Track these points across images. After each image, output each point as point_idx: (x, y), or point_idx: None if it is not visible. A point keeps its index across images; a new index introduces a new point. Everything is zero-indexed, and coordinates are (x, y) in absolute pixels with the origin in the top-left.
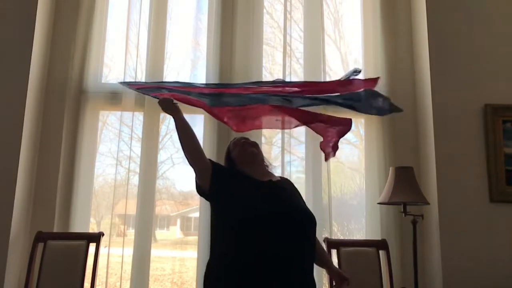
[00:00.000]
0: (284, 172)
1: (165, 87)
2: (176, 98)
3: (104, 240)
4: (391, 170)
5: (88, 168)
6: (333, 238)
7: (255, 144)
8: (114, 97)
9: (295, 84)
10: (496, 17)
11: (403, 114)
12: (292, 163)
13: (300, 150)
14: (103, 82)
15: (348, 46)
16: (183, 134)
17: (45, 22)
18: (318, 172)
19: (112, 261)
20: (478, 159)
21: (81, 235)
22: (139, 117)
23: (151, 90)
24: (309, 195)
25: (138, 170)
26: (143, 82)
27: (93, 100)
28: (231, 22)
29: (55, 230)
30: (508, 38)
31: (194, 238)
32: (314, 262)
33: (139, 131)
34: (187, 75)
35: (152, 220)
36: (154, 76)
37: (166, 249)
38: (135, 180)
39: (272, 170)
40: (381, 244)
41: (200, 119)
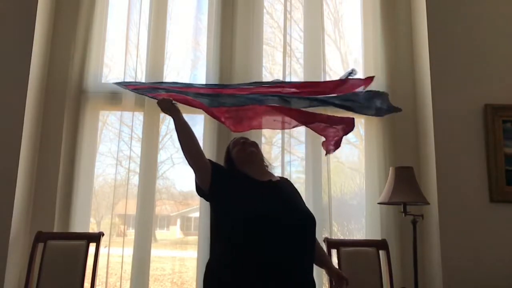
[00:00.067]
0: (284, 172)
1: (161, 87)
2: (175, 98)
3: (104, 240)
4: (391, 170)
5: (88, 168)
6: (333, 238)
7: (254, 144)
8: (114, 97)
9: (292, 85)
10: (496, 17)
11: (403, 114)
12: (292, 163)
13: (300, 150)
14: (103, 82)
15: (348, 46)
16: (183, 135)
17: (45, 22)
18: (318, 172)
19: (112, 261)
20: (478, 159)
21: (81, 235)
22: (139, 117)
23: (148, 90)
24: (309, 195)
25: (138, 170)
26: (139, 83)
27: (93, 100)
28: (231, 22)
29: (55, 230)
30: (508, 38)
31: (194, 238)
32: (314, 262)
33: (139, 131)
34: (187, 75)
35: (152, 220)
36: (154, 76)
37: (166, 249)
38: (135, 180)
39: (271, 170)
40: (381, 244)
41: (200, 119)
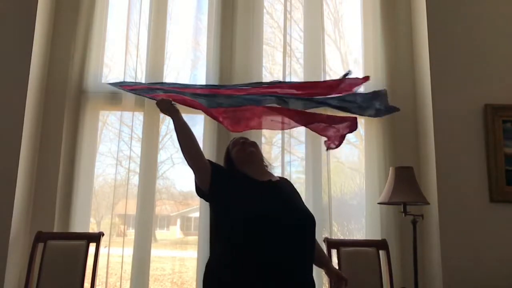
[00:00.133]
0: (284, 172)
1: (158, 88)
2: (174, 98)
3: (104, 240)
4: (391, 170)
5: (88, 168)
6: (333, 238)
7: (254, 144)
8: (114, 97)
9: (288, 85)
10: (496, 17)
11: (403, 114)
12: (292, 163)
13: (300, 150)
14: (103, 82)
15: (348, 46)
16: (182, 135)
17: (45, 22)
18: (318, 172)
19: (112, 261)
20: (478, 159)
21: (81, 235)
22: (139, 117)
23: (144, 91)
24: (309, 195)
25: (138, 170)
26: (134, 83)
27: (93, 100)
28: (231, 22)
29: (55, 230)
30: (508, 38)
31: (194, 238)
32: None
33: (139, 131)
34: (187, 75)
35: (152, 220)
36: (154, 76)
37: (166, 249)
38: (135, 180)
39: (271, 170)
40: (381, 244)
41: (200, 119)
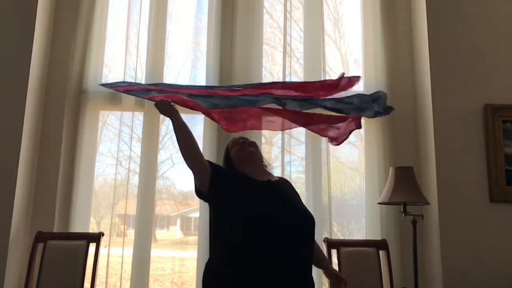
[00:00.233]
0: (284, 172)
1: (153, 88)
2: (173, 99)
3: (104, 240)
4: (391, 170)
5: (88, 168)
6: (333, 238)
7: (253, 144)
8: (114, 97)
9: (281, 85)
10: (496, 16)
11: (403, 114)
12: (292, 163)
13: (300, 150)
14: (103, 82)
15: (348, 46)
16: (181, 137)
17: (45, 22)
18: (318, 172)
19: (112, 261)
20: (478, 159)
21: (81, 235)
22: (139, 117)
23: (140, 91)
24: (309, 195)
25: (138, 170)
26: (128, 83)
27: (93, 100)
28: (231, 22)
29: (55, 230)
30: (508, 38)
31: (194, 238)
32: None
33: (139, 131)
34: (187, 75)
35: (152, 220)
36: (154, 76)
37: (166, 249)
38: (135, 180)
39: (271, 170)
40: (381, 244)
41: (200, 119)
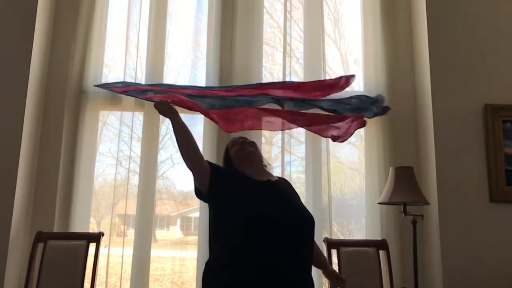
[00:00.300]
0: (284, 172)
1: (149, 89)
2: (172, 100)
3: (104, 240)
4: (391, 170)
5: (88, 168)
6: (333, 238)
7: (253, 144)
8: (114, 97)
9: (277, 86)
10: (496, 17)
11: (403, 114)
12: (292, 163)
13: (300, 150)
14: (103, 82)
15: (348, 46)
16: (181, 137)
17: (45, 22)
18: (318, 172)
19: (112, 261)
20: (478, 159)
21: (81, 235)
22: (139, 117)
23: (136, 92)
24: (309, 195)
25: (138, 170)
26: (122, 84)
27: (93, 100)
28: (231, 22)
29: (55, 230)
30: (508, 38)
31: (194, 238)
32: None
33: (139, 131)
34: (187, 75)
35: (152, 220)
36: (154, 76)
37: (166, 249)
38: (135, 180)
39: (270, 170)
40: (381, 244)
41: (200, 119)
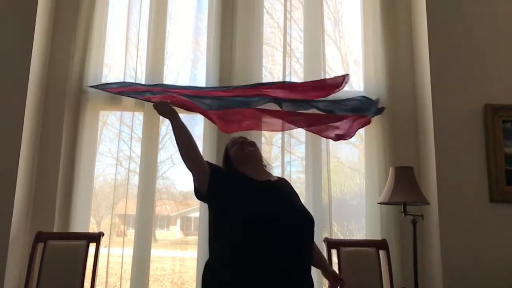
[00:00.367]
0: (284, 172)
1: (145, 89)
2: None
3: (104, 240)
4: (391, 170)
5: (88, 168)
6: (333, 238)
7: (253, 144)
8: (114, 97)
9: (274, 86)
10: (496, 17)
11: (403, 114)
12: (292, 163)
13: (300, 150)
14: (103, 82)
15: (348, 46)
16: (181, 138)
17: (45, 22)
18: (318, 172)
19: (112, 261)
20: (478, 159)
21: (81, 235)
22: (139, 117)
23: (131, 92)
24: (309, 195)
25: (138, 170)
26: (118, 84)
27: (93, 100)
28: (231, 22)
29: (55, 230)
30: (508, 38)
31: (194, 238)
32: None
33: (139, 131)
34: (187, 75)
35: (152, 220)
36: (154, 76)
37: (166, 249)
38: (135, 180)
39: (270, 170)
40: (381, 244)
41: (200, 120)
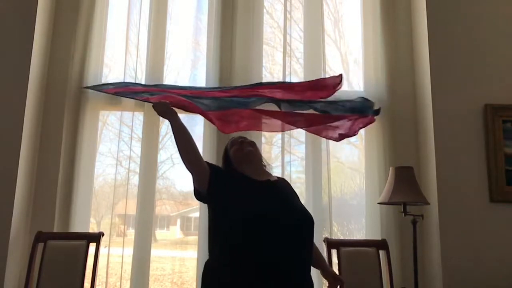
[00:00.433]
0: (284, 172)
1: (143, 90)
2: (170, 100)
3: (104, 240)
4: (391, 170)
5: (88, 168)
6: (333, 238)
7: (252, 144)
8: (114, 97)
9: (272, 86)
10: (496, 17)
11: (403, 114)
12: (292, 163)
13: (300, 150)
14: (103, 82)
15: (348, 46)
16: (180, 138)
17: (45, 22)
18: (318, 172)
19: (112, 261)
20: (478, 159)
21: (81, 235)
22: (139, 117)
23: (126, 93)
24: (309, 195)
25: (138, 170)
26: (115, 84)
27: (93, 100)
28: (231, 22)
29: (55, 230)
30: (508, 38)
31: (194, 238)
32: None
33: (139, 131)
34: (187, 75)
35: (152, 220)
36: (154, 76)
37: (166, 249)
38: (135, 180)
39: (270, 170)
40: (381, 244)
41: (199, 120)
